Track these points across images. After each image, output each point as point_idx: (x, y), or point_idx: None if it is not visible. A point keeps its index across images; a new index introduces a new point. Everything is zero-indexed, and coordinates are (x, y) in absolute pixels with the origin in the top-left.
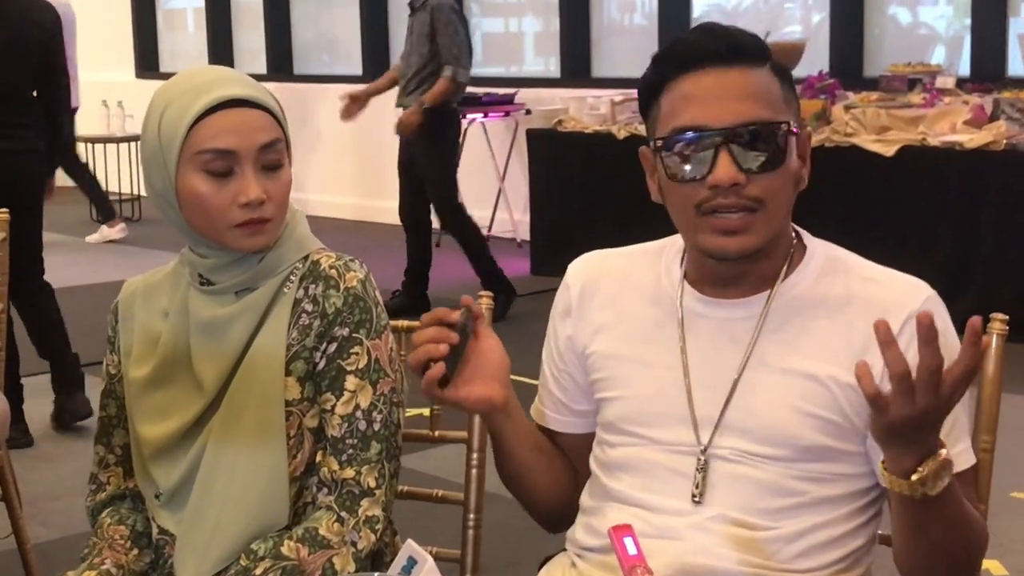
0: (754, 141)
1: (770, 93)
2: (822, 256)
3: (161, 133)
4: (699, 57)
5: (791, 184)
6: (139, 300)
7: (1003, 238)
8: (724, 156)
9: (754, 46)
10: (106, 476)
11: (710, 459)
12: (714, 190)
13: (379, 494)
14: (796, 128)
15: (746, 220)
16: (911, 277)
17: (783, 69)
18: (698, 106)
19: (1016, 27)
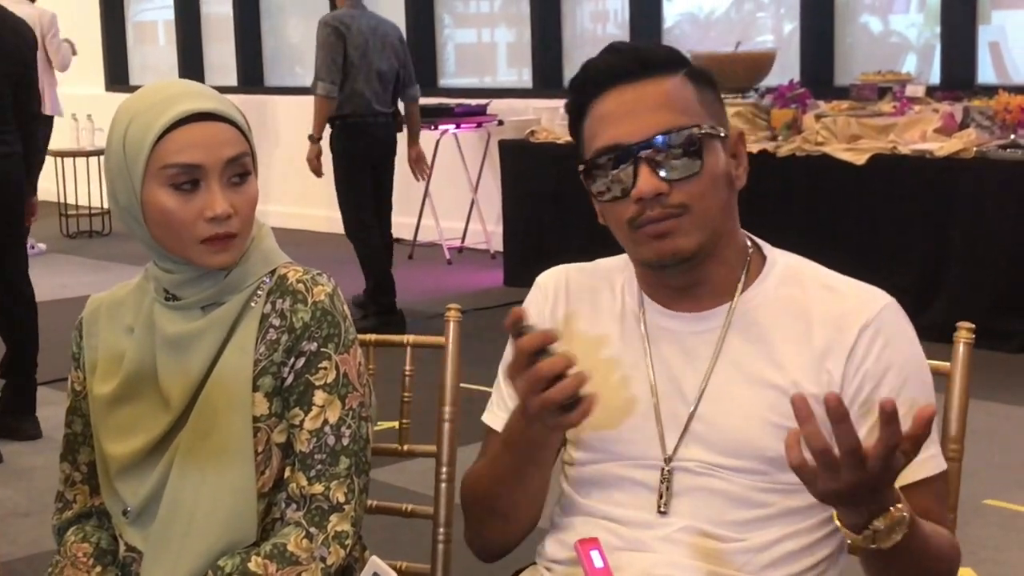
0: (669, 149)
1: (683, 99)
2: (782, 266)
3: (126, 147)
4: (609, 77)
5: (719, 185)
6: (104, 316)
7: (974, 245)
8: (644, 169)
9: (663, 57)
10: (72, 494)
11: (674, 471)
12: (640, 203)
13: (348, 509)
14: (719, 129)
15: (673, 224)
16: (869, 286)
17: (701, 73)
18: (613, 125)
19: (986, 35)
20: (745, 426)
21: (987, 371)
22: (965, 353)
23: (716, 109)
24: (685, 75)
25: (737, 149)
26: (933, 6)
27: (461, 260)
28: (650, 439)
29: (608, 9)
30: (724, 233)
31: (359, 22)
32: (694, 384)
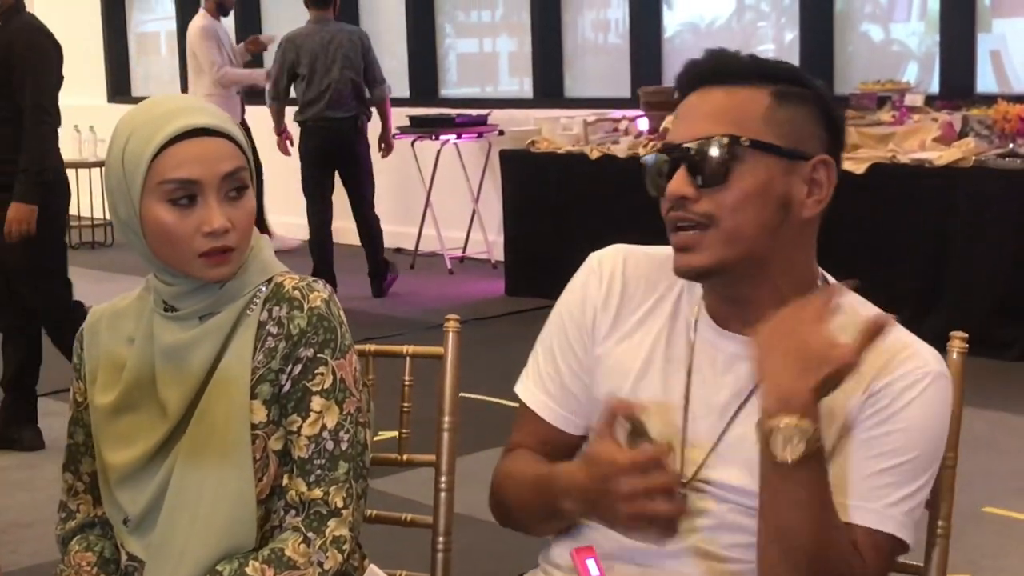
0: (705, 155)
1: (746, 112)
2: (845, 305)
3: (125, 163)
4: (689, 80)
5: (757, 204)
6: (104, 327)
7: (973, 254)
8: (680, 170)
9: (744, 68)
10: (75, 504)
11: (691, 492)
12: (670, 201)
13: (346, 514)
14: (781, 147)
15: (696, 237)
16: (932, 351)
17: (796, 94)
18: (676, 125)
19: (985, 43)
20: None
21: (986, 379)
22: (959, 362)
23: (797, 128)
24: (771, 91)
25: (815, 176)
26: (933, 15)
27: (462, 270)
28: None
29: (609, 19)
30: (768, 257)
31: (312, 39)
32: (727, 410)
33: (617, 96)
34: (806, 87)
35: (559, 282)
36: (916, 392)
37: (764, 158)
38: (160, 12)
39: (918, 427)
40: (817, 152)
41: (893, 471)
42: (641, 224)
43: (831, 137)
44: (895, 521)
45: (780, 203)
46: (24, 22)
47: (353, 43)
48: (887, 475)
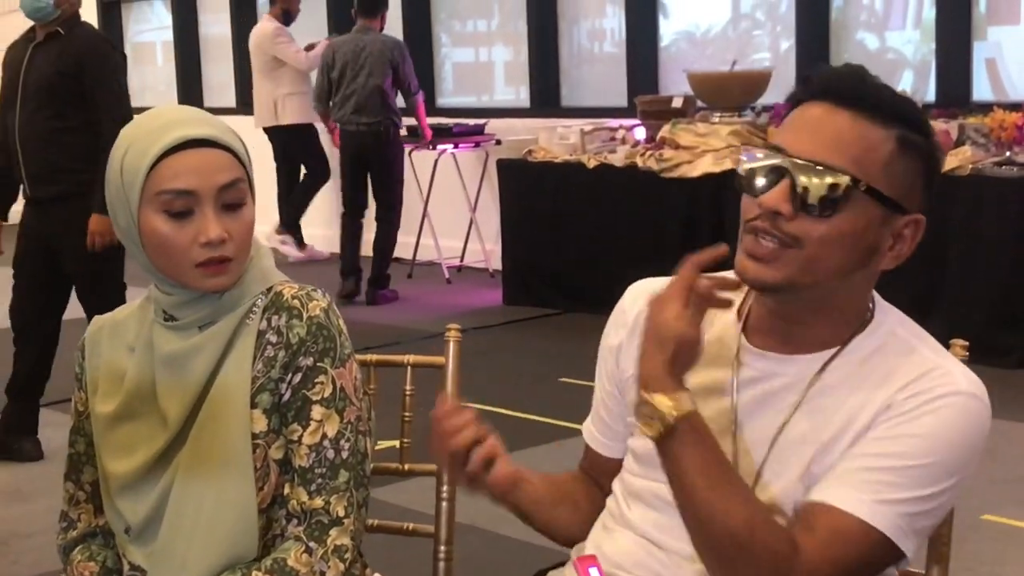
0: (817, 184)
1: (869, 151)
2: (885, 331)
3: (123, 174)
4: (824, 88)
5: (847, 245)
6: (106, 336)
7: (970, 262)
8: (785, 182)
9: (881, 103)
10: (76, 513)
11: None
12: (761, 209)
13: (348, 523)
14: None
15: (776, 252)
16: (972, 375)
17: (918, 146)
18: (794, 131)
19: (981, 52)
20: (793, 489)
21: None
22: None
23: (907, 182)
24: (897, 135)
25: (903, 232)
26: (928, 23)
27: (460, 279)
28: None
29: (605, 28)
30: (832, 296)
31: (347, 45)
32: (767, 437)
33: (614, 105)
34: (926, 137)
35: (556, 291)
36: (938, 405)
37: (870, 205)
38: (156, 22)
39: (934, 436)
40: (914, 209)
41: (897, 471)
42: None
43: (926, 193)
44: (886, 519)
45: (866, 250)
46: (89, 32)
47: (383, 52)
48: (889, 473)
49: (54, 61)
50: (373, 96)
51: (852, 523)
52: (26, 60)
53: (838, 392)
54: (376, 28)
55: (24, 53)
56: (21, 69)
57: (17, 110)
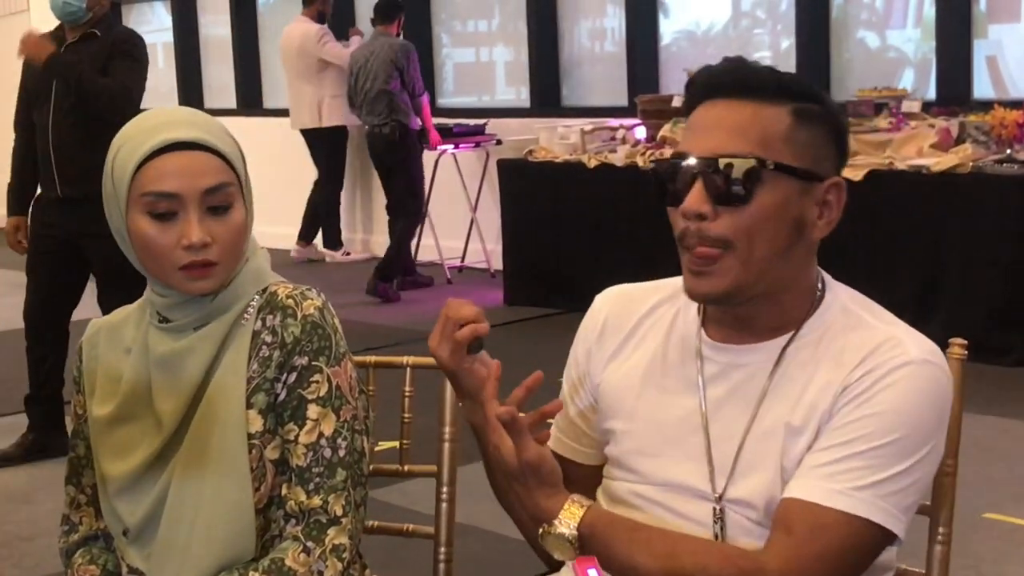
0: (726, 174)
1: (767, 131)
2: (837, 308)
3: (113, 174)
4: (707, 89)
5: (773, 227)
6: (103, 339)
7: (970, 260)
8: (698, 185)
9: (765, 83)
10: (78, 517)
11: (726, 507)
12: (685, 217)
13: (346, 522)
14: (799, 170)
15: (713, 261)
16: (924, 340)
17: (815, 113)
18: (692, 135)
19: (982, 50)
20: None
21: (984, 385)
22: (958, 369)
23: (814, 150)
24: (791, 110)
25: (827, 198)
26: (929, 21)
27: (461, 279)
28: (699, 473)
29: (606, 27)
30: (778, 278)
31: (362, 51)
32: (740, 425)
33: (614, 105)
34: (821, 104)
35: (557, 291)
36: (892, 379)
37: (783, 180)
38: (156, 23)
39: (895, 411)
40: (830, 173)
41: (866, 455)
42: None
43: (839, 157)
44: (865, 504)
45: (794, 224)
46: (122, 31)
47: (389, 55)
48: (858, 459)
49: (90, 61)
50: (380, 99)
51: (830, 516)
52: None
53: (800, 377)
54: (391, 33)
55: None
56: None
57: (51, 109)
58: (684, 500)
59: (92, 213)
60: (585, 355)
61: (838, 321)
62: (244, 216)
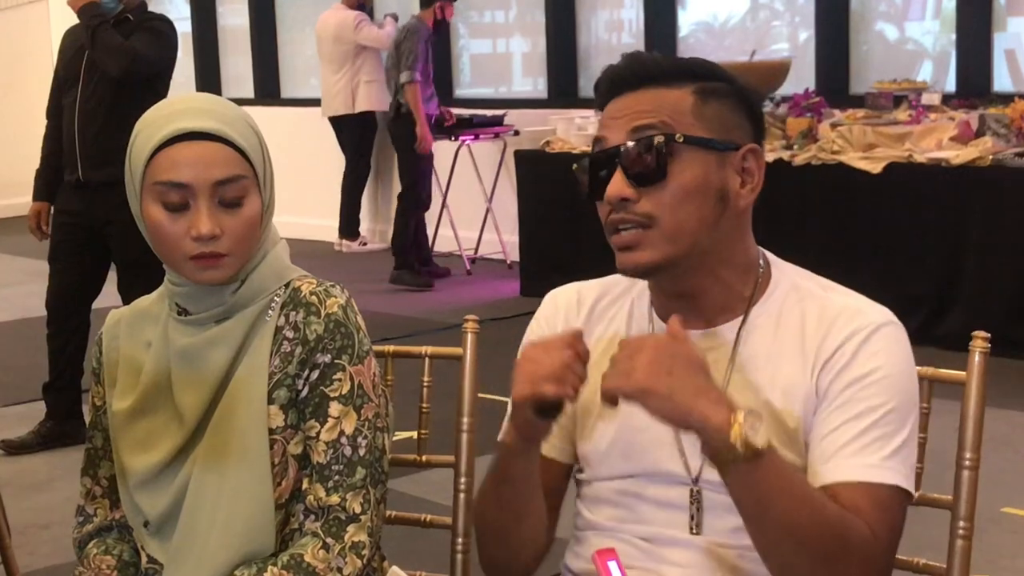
0: (640, 155)
1: (673, 110)
2: (787, 284)
3: (131, 161)
4: (611, 85)
5: (696, 199)
6: (124, 330)
7: (990, 254)
8: (617, 172)
9: (664, 69)
10: (93, 508)
11: (702, 489)
12: (611, 204)
13: (365, 520)
14: (710, 141)
15: (638, 236)
16: (876, 305)
17: (716, 89)
18: (604, 129)
19: (1001, 42)
20: None
21: (1004, 379)
22: (981, 362)
23: (723, 122)
24: (693, 88)
25: (745, 165)
26: (948, 13)
27: (476, 270)
28: (672, 458)
29: (623, 19)
30: (710, 250)
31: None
32: None
33: None
34: (724, 81)
35: (574, 282)
36: (872, 346)
37: (698, 153)
38: (175, 13)
39: (887, 375)
40: (745, 142)
41: (878, 425)
42: None
43: (754, 127)
44: (895, 472)
45: (718, 196)
46: (153, 15)
47: (398, 35)
48: (874, 430)
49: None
50: (389, 80)
51: (886, 492)
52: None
53: (764, 362)
54: (425, 19)
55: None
56: (85, 54)
57: (78, 93)
58: (662, 487)
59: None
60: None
61: (790, 298)
62: (259, 208)
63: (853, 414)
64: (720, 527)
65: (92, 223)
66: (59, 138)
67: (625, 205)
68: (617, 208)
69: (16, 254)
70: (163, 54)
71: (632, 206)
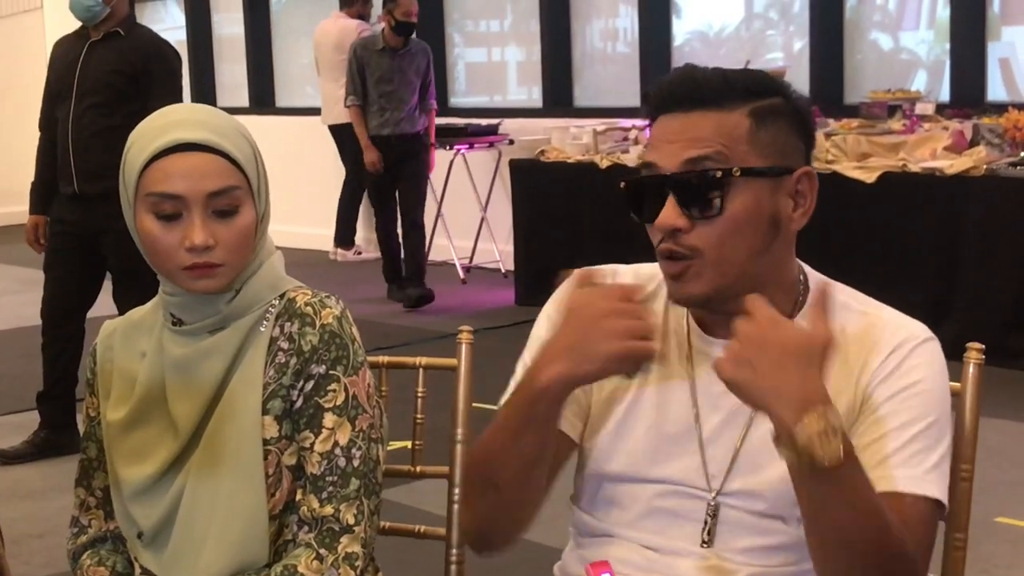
0: (696, 186)
1: (728, 136)
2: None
3: (124, 171)
4: (663, 102)
5: (747, 230)
6: (118, 341)
7: (984, 263)
8: (670, 200)
9: (719, 90)
10: (87, 519)
11: (720, 505)
12: (661, 232)
13: (358, 531)
14: (766, 169)
15: (685, 266)
16: (916, 322)
17: (771, 109)
18: (655, 150)
19: (996, 52)
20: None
21: (999, 389)
22: (975, 373)
23: (779, 145)
24: (748, 111)
25: (798, 188)
26: (943, 23)
27: (471, 279)
28: (694, 468)
29: (618, 27)
30: (759, 275)
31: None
32: (739, 420)
33: (627, 105)
34: (779, 96)
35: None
36: (916, 359)
37: (753, 182)
38: (169, 22)
39: (929, 389)
40: (798, 164)
41: (922, 436)
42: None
43: (807, 145)
44: (936, 485)
45: (770, 223)
46: (150, 35)
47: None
48: (919, 440)
49: (113, 60)
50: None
51: (926, 504)
52: (82, 57)
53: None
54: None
55: (79, 51)
56: (77, 66)
57: (71, 106)
58: (681, 499)
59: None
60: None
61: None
62: (253, 218)
63: (898, 424)
64: (731, 543)
65: (87, 232)
66: (52, 151)
67: (676, 235)
68: (667, 237)
69: (10, 263)
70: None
71: (682, 236)
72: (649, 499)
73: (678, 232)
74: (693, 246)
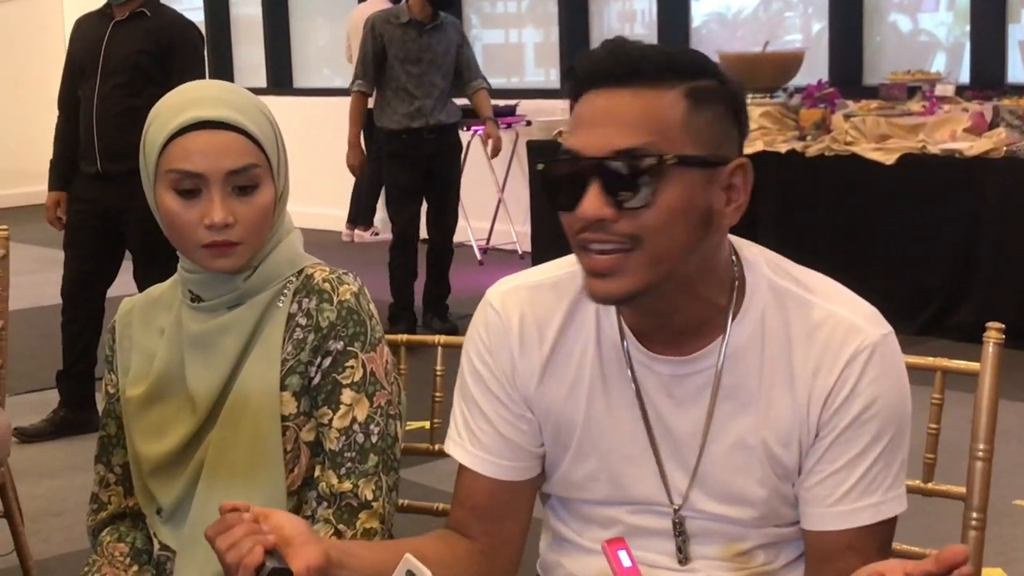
0: (624, 173)
1: (662, 119)
2: (764, 288)
3: (145, 147)
4: (592, 76)
5: (682, 222)
6: (137, 318)
7: (1003, 245)
8: (593, 188)
9: (656, 66)
10: (107, 495)
11: (685, 519)
12: (584, 222)
13: (376, 506)
14: (700, 158)
15: (618, 261)
16: (863, 309)
17: (710, 92)
18: (581, 130)
19: (1016, 34)
20: (743, 485)
21: (1017, 371)
22: (995, 353)
23: (714, 134)
24: (685, 92)
25: (733, 182)
26: (962, 5)
27: (488, 260)
28: (654, 486)
29: (636, 9)
30: (689, 274)
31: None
32: (692, 432)
33: None
34: (716, 79)
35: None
36: (871, 373)
37: (687, 172)
38: (187, 3)
39: (885, 406)
40: (733, 155)
41: (882, 457)
42: None
43: (740, 134)
44: (898, 500)
45: (703, 218)
46: (176, 16)
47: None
48: (877, 464)
49: (140, 40)
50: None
51: (884, 526)
52: (107, 36)
53: (755, 394)
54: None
55: (104, 30)
56: (102, 45)
57: (96, 85)
58: (646, 516)
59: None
60: (509, 364)
61: (770, 306)
62: (272, 196)
63: (856, 451)
64: (709, 554)
65: (108, 211)
66: (73, 129)
67: (602, 225)
68: (591, 227)
69: (30, 243)
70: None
71: (611, 226)
72: (624, 518)
73: (603, 222)
74: (630, 234)
